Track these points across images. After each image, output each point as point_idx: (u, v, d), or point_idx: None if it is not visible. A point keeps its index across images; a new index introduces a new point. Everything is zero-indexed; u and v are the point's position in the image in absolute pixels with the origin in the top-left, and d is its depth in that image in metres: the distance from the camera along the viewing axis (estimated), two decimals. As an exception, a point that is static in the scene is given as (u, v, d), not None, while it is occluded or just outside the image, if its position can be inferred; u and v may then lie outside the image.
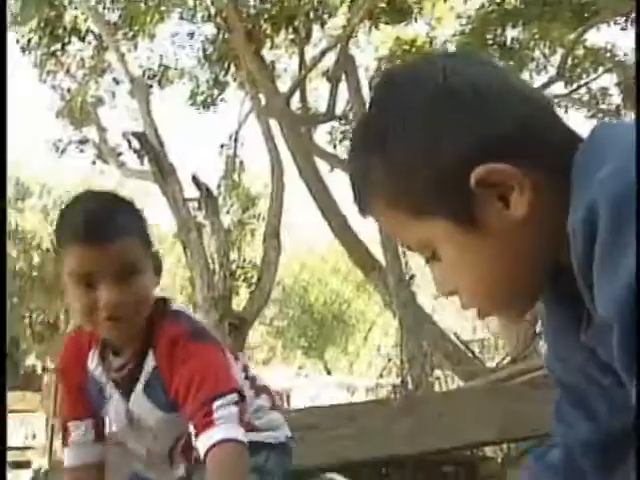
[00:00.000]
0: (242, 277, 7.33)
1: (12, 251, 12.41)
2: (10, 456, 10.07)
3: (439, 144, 0.84)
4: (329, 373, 19.78)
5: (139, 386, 1.78)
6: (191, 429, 1.64)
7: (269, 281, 6.80)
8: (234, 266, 7.11)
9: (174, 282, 13.47)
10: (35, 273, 12.48)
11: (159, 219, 11.85)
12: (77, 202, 1.73)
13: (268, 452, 1.94)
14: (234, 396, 1.65)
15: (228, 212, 7.87)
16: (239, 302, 7.00)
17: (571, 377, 1.04)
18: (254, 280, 7.06)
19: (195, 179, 6.79)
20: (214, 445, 1.57)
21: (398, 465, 3.19)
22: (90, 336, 1.80)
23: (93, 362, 1.81)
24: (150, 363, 1.76)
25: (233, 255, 7.26)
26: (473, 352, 6.08)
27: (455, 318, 9.83)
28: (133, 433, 1.84)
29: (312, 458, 2.86)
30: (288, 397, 14.26)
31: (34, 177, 14.02)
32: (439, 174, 0.84)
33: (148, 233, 1.78)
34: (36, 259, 12.45)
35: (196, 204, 6.85)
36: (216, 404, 1.62)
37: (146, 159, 7.11)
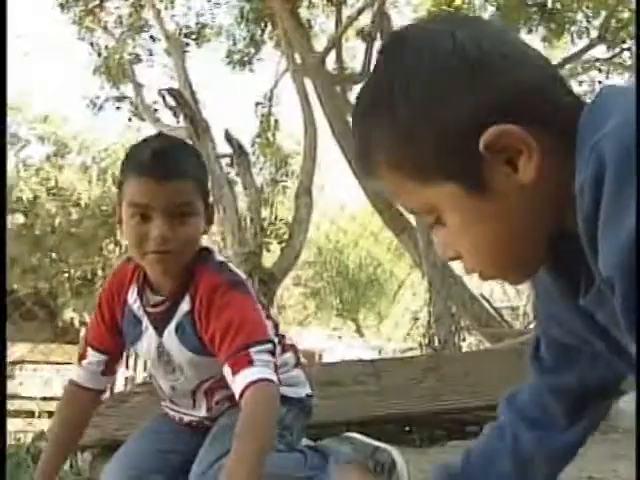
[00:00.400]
0: (273, 234, 7.39)
1: (51, 207, 12.60)
2: (49, 406, 10.31)
3: (447, 107, 0.83)
4: (362, 335, 19.88)
5: (172, 325, 1.87)
6: (224, 371, 1.70)
7: (300, 239, 6.86)
8: (266, 223, 7.18)
9: (206, 237, 13.63)
10: (73, 229, 12.65)
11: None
12: (147, 140, 1.84)
13: (288, 406, 1.98)
14: (270, 346, 1.73)
15: (261, 170, 7.91)
16: (270, 259, 7.07)
17: (565, 338, 1.05)
18: (285, 237, 7.13)
19: (228, 136, 6.85)
20: (252, 383, 1.63)
21: (421, 422, 3.22)
22: (134, 270, 1.89)
23: (132, 295, 1.90)
24: (185, 306, 1.84)
25: (265, 212, 7.33)
26: (501, 315, 6.07)
27: (488, 283, 9.81)
28: (161, 368, 1.95)
29: (336, 413, 2.90)
30: (320, 357, 14.41)
31: (72, 134, 14.15)
32: (447, 137, 0.83)
33: (206, 182, 1.88)
34: (74, 215, 12.61)
35: (229, 160, 6.93)
36: (253, 350, 1.68)
37: (181, 116, 7.18)
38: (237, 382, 1.67)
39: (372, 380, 3.06)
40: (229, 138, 6.83)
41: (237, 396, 1.67)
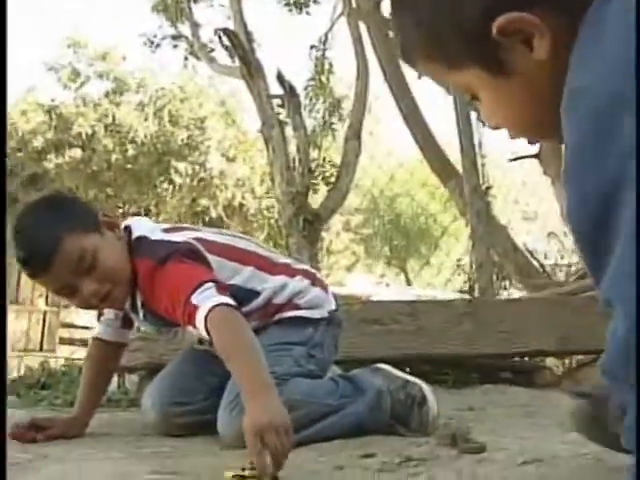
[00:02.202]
0: (321, 176, 7.47)
1: (108, 143, 12.80)
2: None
3: (462, 2, 0.94)
4: (409, 284, 19.91)
5: (140, 316, 2.08)
6: (192, 330, 1.84)
7: (347, 181, 6.94)
8: (314, 165, 7.25)
9: (255, 175, 13.68)
10: (129, 165, 12.85)
11: (247, 110, 11.98)
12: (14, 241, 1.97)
13: (314, 326, 2.11)
14: (208, 284, 1.81)
15: (311, 112, 7.95)
16: (317, 200, 7.17)
17: None
18: (332, 180, 7.21)
19: (280, 77, 6.89)
20: (205, 319, 1.73)
21: (456, 365, 3.28)
22: None
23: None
24: (139, 300, 2.03)
25: (314, 154, 7.39)
26: (543, 266, 6.07)
27: (531, 236, 9.78)
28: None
29: (372, 350, 2.99)
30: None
31: (130, 72, 14.28)
32: (465, 27, 0.94)
33: (80, 216, 1.99)
34: (131, 152, 12.80)
35: (280, 101, 6.99)
36: (192, 297, 1.78)
37: (235, 56, 7.24)
38: (199, 328, 1.76)
39: (409, 320, 3.13)
40: (281, 79, 6.87)
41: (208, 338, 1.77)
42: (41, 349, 12.77)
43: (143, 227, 2.07)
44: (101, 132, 12.86)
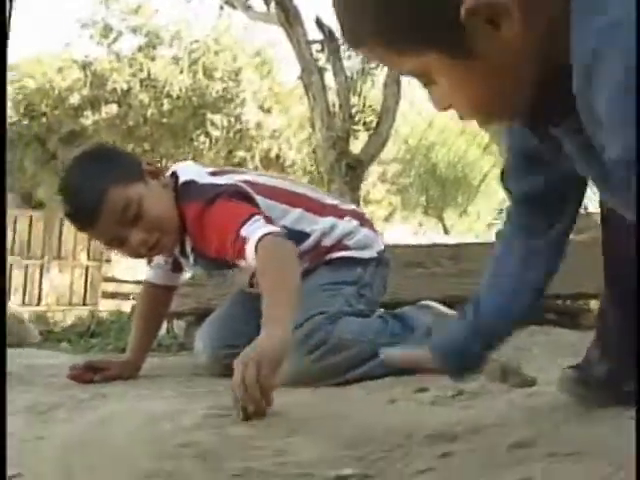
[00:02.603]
0: (361, 121, 7.43)
1: (144, 98, 12.81)
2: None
3: None
4: (447, 232, 19.84)
5: (190, 261, 2.11)
6: (242, 265, 1.87)
7: (387, 127, 6.90)
8: (354, 110, 7.21)
9: (295, 121, 13.63)
10: (165, 120, 12.87)
11: (283, 60, 11.89)
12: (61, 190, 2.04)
13: (363, 267, 2.13)
14: (255, 217, 1.83)
15: (350, 58, 7.85)
16: (358, 145, 7.16)
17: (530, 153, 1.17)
18: (373, 125, 7.17)
19: (319, 22, 6.84)
20: (254, 250, 1.75)
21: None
22: None
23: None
24: (188, 245, 2.06)
25: (353, 100, 7.35)
26: (586, 208, 5.98)
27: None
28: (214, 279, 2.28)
29: (414, 292, 3.00)
30: (404, 253, 14.52)
31: (164, 25, 14.21)
32: (427, 10, 0.87)
33: (124, 166, 2.01)
34: (166, 106, 12.81)
35: (319, 47, 6.95)
36: (242, 230, 1.80)
37: (272, 2, 7.19)
38: (249, 259, 1.78)
39: (452, 263, 3.13)
40: (320, 24, 6.83)
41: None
42: (84, 303, 13.01)
43: (190, 172, 2.09)
44: (136, 87, 12.87)
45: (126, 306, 7.71)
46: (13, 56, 11.66)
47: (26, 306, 10.24)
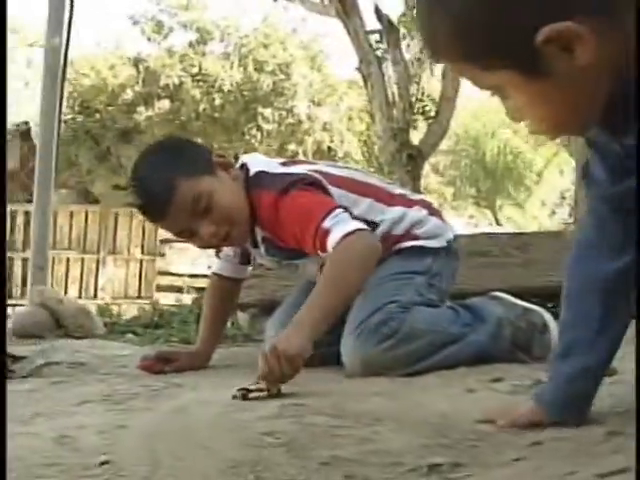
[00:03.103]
0: (420, 111, 7.36)
1: (195, 93, 12.92)
2: (195, 282, 10.93)
3: (505, 4, 0.90)
4: (498, 223, 19.66)
5: (262, 251, 2.11)
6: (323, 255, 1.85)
7: (446, 116, 6.84)
8: (413, 99, 7.15)
9: (346, 113, 13.61)
10: (217, 114, 12.97)
11: (339, 52, 11.84)
12: (132, 182, 2.06)
13: (433, 256, 2.09)
14: (337, 210, 1.84)
15: (408, 47, 7.79)
16: (418, 135, 7.10)
17: None
18: (432, 114, 7.11)
19: (378, 12, 6.80)
20: (337, 243, 1.78)
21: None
22: None
23: None
24: (259, 235, 2.04)
25: (412, 89, 7.28)
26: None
27: None
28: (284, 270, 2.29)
29: (479, 282, 2.97)
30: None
31: (214, 21, 14.30)
32: (508, 34, 0.90)
33: (194, 159, 2.00)
34: (218, 101, 12.90)
35: (377, 37, 6.90)
36: (323, 224, 1.81)
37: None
38: (329, 246, 1.80)
39: (518, 252, 3.08)
40: (379, 14, 6.78)
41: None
42: (139, 296, 13.17)
43: (260, 162, 2.09)
44: (188, 82, 12.99)
45: (187, 299, 7.79)
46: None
47: (83, 300, 10.41)
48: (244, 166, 2.06)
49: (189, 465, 1.11)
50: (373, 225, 2.04)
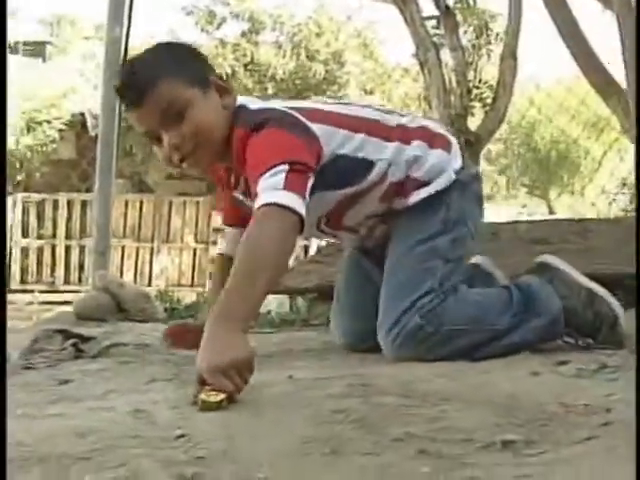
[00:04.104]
0: (477, 97, 7.26)
1: (248, 82, 12.98)
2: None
3: None
4: (552, 212, 19.38)
5: (240, 195, 1.98)
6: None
7: (504, 102, 6.76)
8: (470, 85, 7.07)
9: (398, 101, 13.53)
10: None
11: (396, 39, 11.75)
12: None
13: (445, 202, 1.94)
14: (281, 167, 1.65)
15: (465, 33, 7.71)
16: (474, 122, 7.04)
17: None
18: (489, 101, 7.02)
19: (436, -2, 6.76)
20: (256, 210, 1.62)
21: (628, 285, 3.17)
22: None
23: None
24: (242, 175, 1.91)
25: (469, 75, 7.21)
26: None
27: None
28: None
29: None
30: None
31: (265, 11, 14.34)
32: None
33: (191, 67, 1.86)
34: (270, 90, 12.94)
35: (434, 23, 6.86)
36: (262, 179, 1.66)
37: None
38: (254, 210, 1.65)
39: (577, 239, 3.04)
40: (436, 0, 6.74)
41: None
42: (192, 284, 13.31)
43: (245, 99, 1.93)
44: (240, 72, 13.05)
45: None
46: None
47: (138, 287, 10.55)
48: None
49: (264, 440, 1.13)
50: (369, 164, 1.90)
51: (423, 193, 1.92)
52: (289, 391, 1.50)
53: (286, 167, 1.66)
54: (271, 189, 1.63)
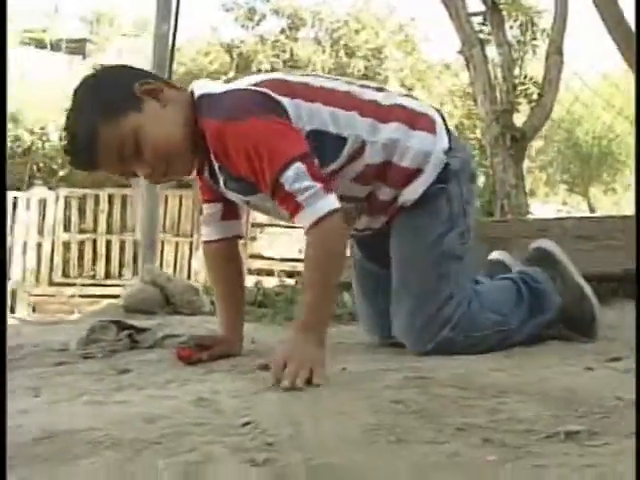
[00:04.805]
0: (523, 93, 7.22)
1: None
2: (284, 266, 11.07)
3: None
4: (592, 211, 19.16)
5: (221, 184, 1.87)
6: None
7: (550, 98, 6.72)
8: (515, 81, 7.05)
9: (436, 98, 13.49)
10: (308, 99, 13.06)
11: (441, 34, 11.71)
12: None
13: (443, 193, 1.89)
14: (297, 164, 1.63)
15: (511, 28, 7.66)
16: (519, 118, 7.01)
17: None
18: (534, 97, 6.99)
19: (482, -7, 6.74)
20: (311, 225, 1.63)
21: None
22: None
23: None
24: (215, 164, 1.82)
25: (514, 71, 7.19)
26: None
27: None
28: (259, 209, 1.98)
29: (586, 265, 2.92)
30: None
31: (305, 7, 14.38)
32: None
33: (112, 95, 1.75)
34: (309, 86, 12.99)
35: (480, 19, 6.83)
36: (286, 182, 1.62)
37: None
38: (298, 222, 1.67)
39: (622, 236, 3.02)
40: (484, -4, 6.73)
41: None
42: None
43: (205, 85, 1.85)
44: (280, 68, 13.11)
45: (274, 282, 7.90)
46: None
47: (178, 282, 10.65)
48: (191, 92, 1.83)
49: (329, 427, 1.16)
50: (341, 140, 1.80)
51: (419, 188, 1.85)
52: (346, 382, 1.53)
53: (298, 165, 1.64)
54: (315, 199, 1.63)
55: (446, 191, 1.87)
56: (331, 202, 1.64)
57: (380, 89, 1.96)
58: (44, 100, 11.80)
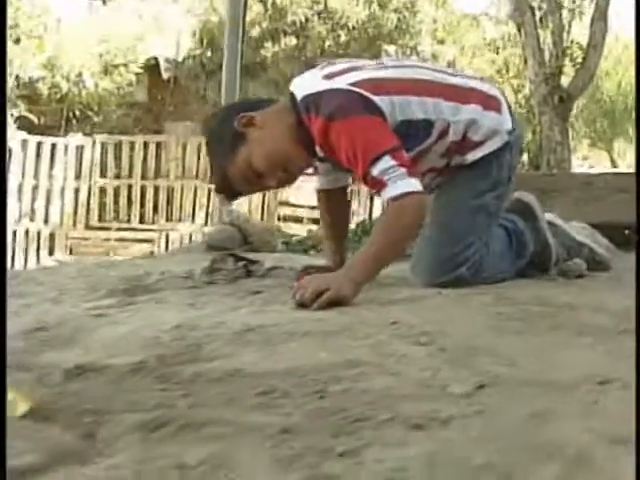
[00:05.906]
0: (569, 56, 7.60)
1: (321, 29, 13.19)
2: (313, 214, 11.35)
3: None
4: (614, 166, 19.25)
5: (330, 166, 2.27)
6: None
7: (594, 61, 7.09)
8: (563, 46, 7.40)
9: (506, 61, 13.59)
10: (341, 51, 13.22)
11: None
12: None
13: (497, 163, 2.19)
14: (386, 158, 1.91)
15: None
16: (564, 80, 7.36)
17: None
18: (579, 60, 7.36)
19: (533, -39, 7.03)
20: (391, 201, 1.93)
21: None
22: None
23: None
24: (320, 154, 2.13)
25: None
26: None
27: None
28: None
29: (620, 217, 3.21)
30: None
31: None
32: None
33: (225, 137, 2.12)
34: (343, 38, 13.14)
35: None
36: (375, 171, 1.92)
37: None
38: (383, 197, 1.97)
39: (617, 194, 3.30)
40: (535, -37, 7.04)
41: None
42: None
43: (303, 85, 2.13)
44: (314, 19, 13.26)
45: (304, 230, 8.21)
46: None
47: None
48: (292, 95, 2.11)
49: (464, 323, 1.56)
50: (429, 124, 2.09)
51: (479, 153, 2.15)
52: (447, 301, 1.89)
53: (388, 158, 1.92)
54: (398, 179, 1.92)
55: (499, 159, 2.18)
56: (414, 184, 1.93)
57: (454, 74, 2.28)
58: (73, 46, 11.86)
